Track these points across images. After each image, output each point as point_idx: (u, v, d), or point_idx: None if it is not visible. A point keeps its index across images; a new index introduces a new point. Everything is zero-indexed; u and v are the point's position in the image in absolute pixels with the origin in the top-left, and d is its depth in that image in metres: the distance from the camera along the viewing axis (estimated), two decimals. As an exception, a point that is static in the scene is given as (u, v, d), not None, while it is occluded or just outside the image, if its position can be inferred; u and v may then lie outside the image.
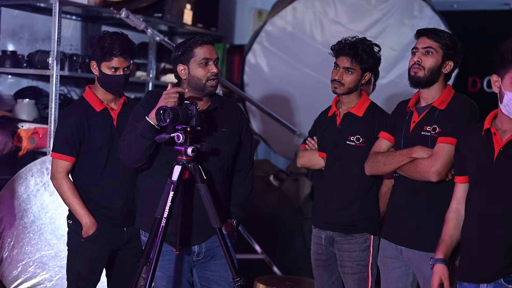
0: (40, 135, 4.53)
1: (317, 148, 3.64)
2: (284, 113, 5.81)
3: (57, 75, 4.55)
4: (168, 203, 3.01)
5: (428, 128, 3.11)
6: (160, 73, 5.81)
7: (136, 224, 3.33)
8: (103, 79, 3.41)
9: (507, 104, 2.69)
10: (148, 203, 3.19)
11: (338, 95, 3.53)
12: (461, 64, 3.33)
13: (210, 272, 3.28)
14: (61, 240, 4.10)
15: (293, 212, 5.49)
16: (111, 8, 4.80)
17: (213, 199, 3.06)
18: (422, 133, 3.12)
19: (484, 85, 6.42)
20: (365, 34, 3.90)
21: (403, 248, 3.17)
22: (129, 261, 3.44)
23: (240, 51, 6.60)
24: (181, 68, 3.21)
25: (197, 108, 3.02)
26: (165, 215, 3.01)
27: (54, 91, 4.53)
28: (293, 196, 5.65)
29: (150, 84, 5.55)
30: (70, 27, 5.55)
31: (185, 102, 3.05)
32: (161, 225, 3.01)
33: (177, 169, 3.02)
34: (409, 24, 5.66)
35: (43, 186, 4.21)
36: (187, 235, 3.17)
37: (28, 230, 4.18)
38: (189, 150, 3.00)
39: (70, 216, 3.47)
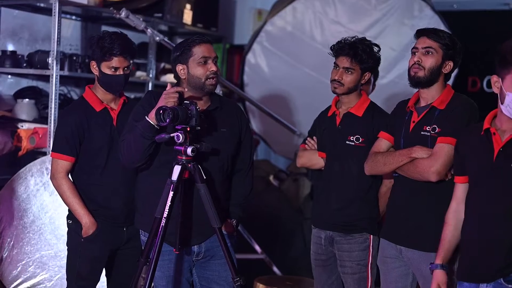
0: (40, 135, 4.53)
1: (317, 148, 3.64)
2: (284, 113, 5.81)
3: (57, 75, 4.55)
4: (168, 203, 3.01)
5: (428, 128, 3.11)
6: (160, 73, 5.81)
7: (136, 224, 3.33)
8: (103, 79, 3.41)
9: (509, 105, 2.69)
10: (148, 203, 3.19)
11: (338, 95, 3.53)
12: (461, 64, 3.33)
13: (210, 272, 3.28)
14: (61, 240, 4.10)
15: (293, 212, 5.49)
16: (111, 8, 4.80)
17: (213, 199, 3.06)
18: (422, 133, 3.12)
19: (484, 85, 6.41)
20: (365, 34, 3.90)
21: (403, 248, 3.17)
22: (129, 261, 3.43)
23: (240, 51, 6.59)
24: (180, 68, 3.20)
25: (197, 108, 3.02)
26: (165, 215, 3.01)
27: (54, 91, 4.53)
28: (293, 196, 5.65)
29: (150, 84, 5.55)
30: (70, 27, 5.55)
31: (185, 102, 3.05)
32: (161, 225, 3.01)
33: (177, 169, 3.02)
34: (409, 24, 5.66)
35: (43, 186, 4.21)
36: (187, 235, 3.17)
37: (28, 230, 4.18)
38: (189, 150, 3.00)
39: (70, 216, 3.47)
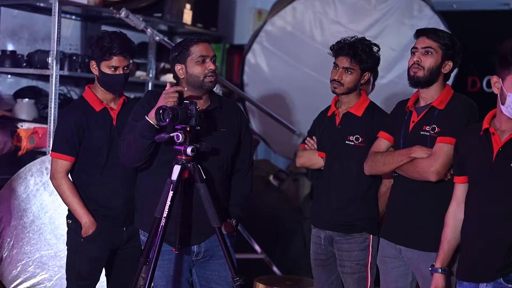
0: (40, 135, 4.53)
1: (317, 148, 3.64)
2: (284, 113, 5.81)
3: (57, 75, 4.55)
4: (168, 203, 3.01)
5: (427, 128, 3.11)
6: (160, 73, 5.81)
7: (136, 224, 3.33)
8: (103, 79, 3.41)
9: (509, 106, 2.68)
10: (148, 203, 3.19)
11: (338, 95, 3.53)
12: (461, 64, 3.34)
13: (210, 272, 3.28)
14: (61, 240, 4.10)
15: (293, 212, 5.48)
16: (111, 8, 4.80)
17: (213, 199, 3.06)
18: (421, 133, 3.12)
19: (484, 85, 6.41)
20: (365, 34, 3.90)
21: (403, 248, 3.17)
22: (129, 261, 3.44)
23: (240, 51, 6.59)
24: (179, 68, 3.20)
25: (197, 108, 3.02)
26: (165, 215, 3.01)
27: (54, 91, 4.53)
28: (293, 196, 5.65)
29: (150, 84, 5.55)
30: (70, 27, 5.55)
31: (185, 102, 3.05)
32: (161, 225, 3.01)
33: (177, 169, 3.02)
34: (409, 24, 5.66)
35: (43, 186, 4.21)
36: (187, 235, 3.17)
37: (28, 230, 4.18)
38: (189, 150, 3.00)
39: (70, 216, 3.47)
